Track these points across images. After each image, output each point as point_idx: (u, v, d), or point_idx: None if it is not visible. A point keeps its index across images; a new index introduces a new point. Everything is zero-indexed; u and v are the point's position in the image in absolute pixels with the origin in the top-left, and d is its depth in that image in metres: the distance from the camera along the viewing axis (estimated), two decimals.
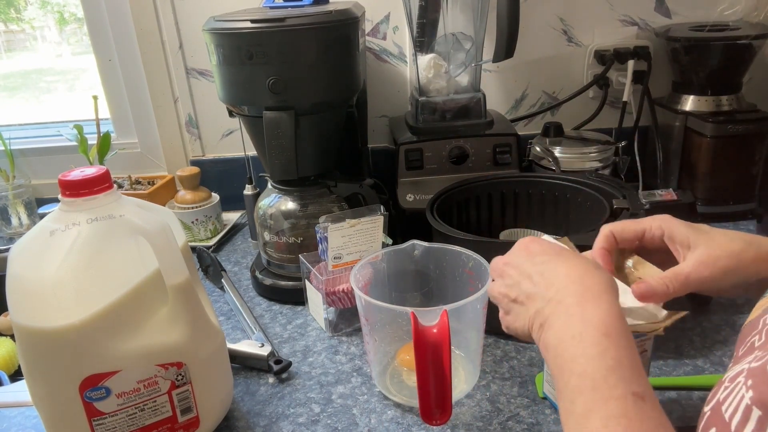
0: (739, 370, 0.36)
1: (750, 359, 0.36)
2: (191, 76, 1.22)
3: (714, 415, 0.35)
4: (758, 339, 0.38)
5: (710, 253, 0.53)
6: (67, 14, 1.42)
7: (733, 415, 0.33)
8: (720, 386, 0.37)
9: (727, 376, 0.37)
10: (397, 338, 0.74)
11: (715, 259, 0.52)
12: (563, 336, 0.46)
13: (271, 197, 0.93)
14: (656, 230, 0.57)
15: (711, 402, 0.36)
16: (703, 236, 0.54)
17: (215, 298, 0.95)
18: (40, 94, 1.51)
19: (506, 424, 0.64)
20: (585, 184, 0.88)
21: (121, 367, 0.56)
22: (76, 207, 0.56)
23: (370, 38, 1.18)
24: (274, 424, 0.67)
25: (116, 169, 1.24)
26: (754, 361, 0.35)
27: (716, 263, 0.52)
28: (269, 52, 0.77)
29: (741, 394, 0.34)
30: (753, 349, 0.37)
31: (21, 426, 0.70)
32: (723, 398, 0.35)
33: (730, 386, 0.35)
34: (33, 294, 0.55)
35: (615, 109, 1.19)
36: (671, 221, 0.56)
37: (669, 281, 0.53)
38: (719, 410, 0.35)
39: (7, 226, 1.24)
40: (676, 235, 0.55)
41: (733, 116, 1.03)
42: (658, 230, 0.56)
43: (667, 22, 1.15)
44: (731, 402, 0.34)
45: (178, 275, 0.57)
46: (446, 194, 0.90)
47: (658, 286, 0.53)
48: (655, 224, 0.57)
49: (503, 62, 0.98)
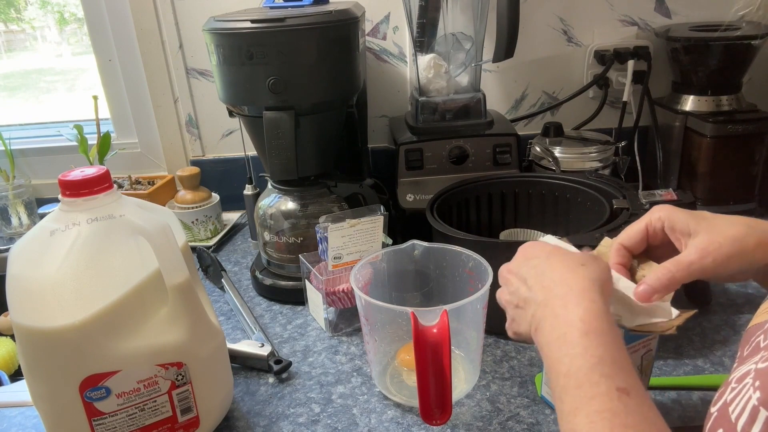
0: (746, 370, 0.35)
1: (756, 359, 0.36)
2: (191, 76, 1.22)
3: (721, 417, 0.35)
4: (764, 339, 0.38)
5: (712, 239, 0.51)
6: (67, 14, 1.42)
7: (739, 416, 0.33)
8: (727, 387, 0.36)
9: (734, 377, 0.36)
10: (397, 338, 0.74)
11: (717, 245, 0.51)
12: (550, 338, 0.46)
13: (271, 197, 0.93)
14: (657, 222, 0.56)
15: (718, 403, 0.36)
16: (703, 223, 0.53)
17: (215, 298, 0.95)
18: (40, 94, 1.51)
19: (506, 424, 0.64)
20: (585, 184, 0.88)
21: (121, 367, 0.56)
22: (76, 207, 0.56)
23: (370, 38, 1.18)
24: (274, 424, 0.67)
25: (116, 169, 1.24)
26: (761, 362, 0.35)
27: (719, 250, 0.51)
28: (269, 52, 0.77)
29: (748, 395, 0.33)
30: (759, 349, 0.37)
31: (21, 426, 0.70)
32: (730, 399, 0.35)
33: (738, 387, 0.35)
34: (33, 294, 0.55)
35: (615, 109, 1.19)
36: (671, 211, 0.55)
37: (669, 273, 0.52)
38: (726, 411, 0.35)
39: (7, 226, 1.24)
40: (676, 224, 0.54)
41: (733, 116, 1.03)
42: (658, 222, 0.56)
43: (667, 22, 1.15)
44: (738, 403, 0.34)
45: (178, 275, 0.57)
46: (446, 194, 0.90)
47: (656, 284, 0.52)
48: (655, 216, 0.56)
49: (503, 62, 0.98)
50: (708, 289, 0.82)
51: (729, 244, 0.51)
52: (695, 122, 1.05)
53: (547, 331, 0.47)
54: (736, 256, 0.51)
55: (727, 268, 0.51)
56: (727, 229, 0.52)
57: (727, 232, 0.52)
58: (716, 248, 0.51)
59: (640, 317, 0.52)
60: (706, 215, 0.54)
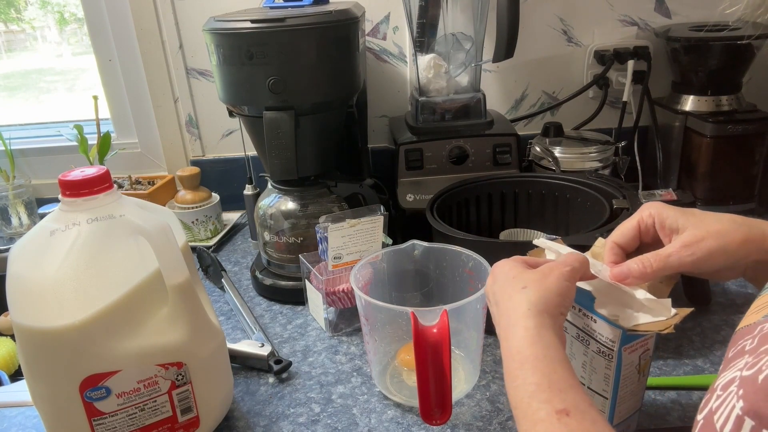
0: (731, 377, 0.35)
1: (741, 365, 0.35)
2: (191, 76, 1.22)
3: (707, 424, 0.35)
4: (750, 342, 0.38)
5: (695, 234, 0.52)
6: (67, 14, 1.43)
7: (724, 425, 0.33)
8: (713, 394, 0.36)
9: (719, 383, 0.36)
10: (397, 338, 0.74)
11: (698, 239, 0.52)
12: (504, 371, 0.48)
13: (271, 197, 0.93)
14: (648, 219, 0.56)
15: (704, 410, 0.36)
16: (692, 219, 0.53)
17: (215, 298, 0.96)
18: (40, 94, 1.51)
19: (506, 424, 0.64)
20: (585, 184, 0.88)
21: (121, 367, 0.56)
22: (76, 207, 0.56)
23: (370, 38, 1.18)
24: (274, 424, 0.67)
25: (116, 169, 1.24)
26: (746, 369, 0.34)
27: (699, 244, 0.52)
28: (269, 52, 0.77)
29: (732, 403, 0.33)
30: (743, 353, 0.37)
31: (21, 426, 0.70)
32: (716, 407, 0.35)
33: (723, 395, 0.35)
34: (33, 294, 0.55)
35: (615, 109, 1.19)
36: (661, 207, 0.56)
37: (647, 261, 0.53)
38: (711, 419, 0.35)
39: (7, 226, 1.24)
40: (665, 221, 0.55)
41: (733, 116, 1.03)
42: (649, 219, 0.56)
43: (667, 22, 1.15)
44: (723, 411, 0.34)
45: (178, 275, 0.57)
46: (446, 194, 0.90)
47: (634, 265, 0.53)
48: (646, 213, 0.56)
49: (503, 62, 0.98)
50: (708, 289, 0.82)
51: (712, 239, 0.52)
52: (695, 122, 1.05)
53: (503, 362, 0.48)
54: (718, 251, 0.51)
55: (708, 263, 0.52)
56: (712, 225, 0.52)
57: (711, 227, 0.52)
58: (697, 242, 0.52)
59: (642, 314, 0.52)
60: (695, 212, 0.55)
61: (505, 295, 0.51)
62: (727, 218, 0.53)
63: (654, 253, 0.53)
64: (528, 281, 0.50)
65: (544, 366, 0.44)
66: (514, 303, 0.49)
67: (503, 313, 0.50)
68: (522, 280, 0.51)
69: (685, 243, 0.52)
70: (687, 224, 0.53)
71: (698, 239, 0.52)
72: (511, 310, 0.49)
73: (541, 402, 0.42)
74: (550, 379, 0.44)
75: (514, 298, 0.49)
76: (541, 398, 0.43)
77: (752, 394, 0.32)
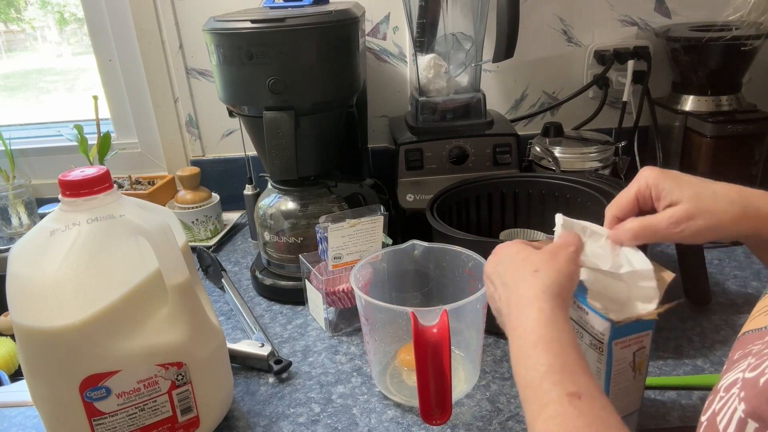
0: (734, 379, 0.35)
1: (744, 367, 0.35)
2: (191, 76, 1.22)
3: (710, 426, 0.35)
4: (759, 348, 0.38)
5: (688, 210, 0.52)
6: (67, 14, 1.43)
7: (727, 427, 0.33)
8: (716, 395, 0.36)
9: (722, 385, 0.36)
10: (397, 338, 0.74)
11: (690, 217, 0.52)
12: (512, 349, 0.48)
13: (271, 197, 0.93)
14: (645, 190, 0.56)
15: (707, 412, 0.36)
16: (687, 192, 0.53)
17: (215, 298, 0.96)
18: (40, 94, 1.51)
19: (506, 424, 0.65)
20: (585, 184, 0.88)
21: (121, 367, 0.56)
22: (76, 207, 0.56)
23: (370, 38, 1.18)
24: (274, 424, 0.67)
25: (116, 169, 1.24)
26: (749, 371, 0.34)
27: (689, 222, 0.52)
28: (269, 52, 0.77)
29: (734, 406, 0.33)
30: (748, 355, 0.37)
31: (21, 426, 0.70)
32: (718, 409, 0.35)
33: (725, 396, 0.35)
34: (33, 294, 0.55)
35: (615, 109, 1.19)
36: (659, 178, 0.55)
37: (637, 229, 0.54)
38: (714, 421, 0.35)
39: (7, 226, 1.24)
40: (661, 193, 0.55)
41: (733, 116, 1.03)
42: (646, 190, 0.56)
43: (667, 22, 1.15)
44: (725, 413, 0.34)
45: (178, 275, 0.57)
46: (446, 194, 0.90)
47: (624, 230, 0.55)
48: (644, 184, 0.56)
49: (503, 62, 0.98)
50: (708, 289, 0.82)
51: (703, 218, 0.52)
52: (695, 122, 1.05)
53: (510, 341, 0.48)
54: (707, 230, 0.52)
55: (695, 238, 0.53)
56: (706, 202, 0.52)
57: (704, 205, 0.52)
58: (687, 220, 0.52)
59: (628, 308, 0.53)
60: (693, 183, 0.54)
61: (517, 276, 0.51)
62: (725, 196, 0.53)
63: (642, 226, 0.54)
64: (539, 264, 0.50)
65: (558, 348, 0.44)
66: (528, 284, 0.49)
67: (514, 292, 0.50)
68: (532, 263, 0.51)
69: (675, 219, 0.53)
70: (682, 197, 0.53)
71: (690, 216, 0.52)
72: (524, 290, 0.49)
73: (552, 383, 0.42)
74: (563, 362, 0.43)
75: (528, 280, 0.49)
76: (553, 379, 0.42)
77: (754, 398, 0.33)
